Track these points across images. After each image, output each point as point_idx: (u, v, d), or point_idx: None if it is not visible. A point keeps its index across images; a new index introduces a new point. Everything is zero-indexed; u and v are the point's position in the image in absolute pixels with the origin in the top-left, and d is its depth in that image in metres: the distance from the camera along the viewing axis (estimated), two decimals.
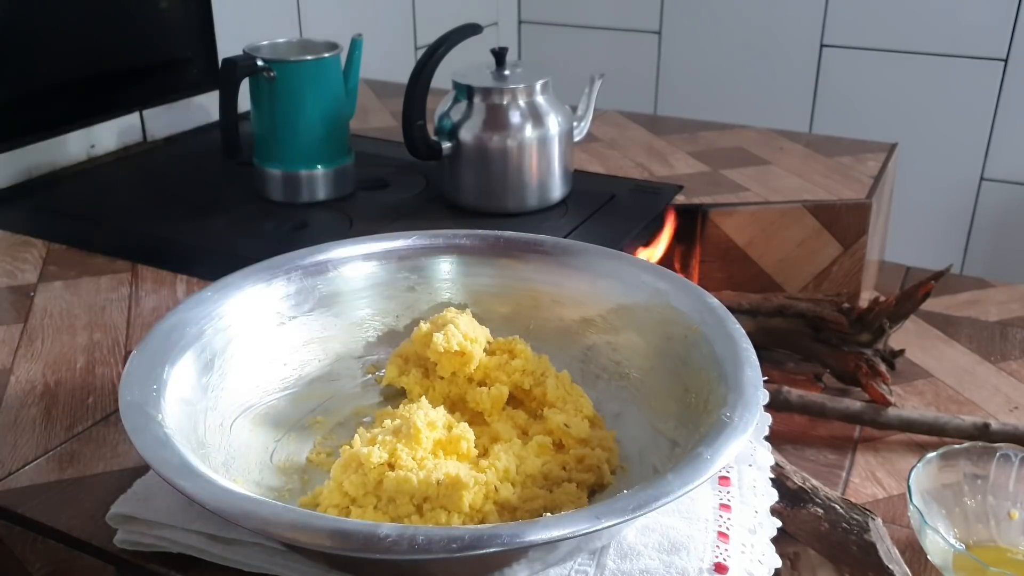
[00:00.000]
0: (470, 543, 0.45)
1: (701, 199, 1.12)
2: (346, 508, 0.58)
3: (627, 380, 0.70)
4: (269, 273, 0.71)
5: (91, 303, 0.91)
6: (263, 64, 1.03)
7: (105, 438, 0.71)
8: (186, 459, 0.52)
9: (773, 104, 1.99)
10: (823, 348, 0.88)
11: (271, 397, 0.68)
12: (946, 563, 0.63)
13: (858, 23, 1.87)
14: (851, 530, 0.61)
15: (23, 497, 0.65)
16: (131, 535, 0.59)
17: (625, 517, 0.47)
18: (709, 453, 0.52)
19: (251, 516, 0.48)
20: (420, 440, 0.60)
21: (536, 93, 1.02)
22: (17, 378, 0.79)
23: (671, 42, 2.06)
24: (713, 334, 0.64)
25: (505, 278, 0.75)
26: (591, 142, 1.30)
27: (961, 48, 1.80)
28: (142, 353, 0.61)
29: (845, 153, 1.26)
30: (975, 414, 0.83)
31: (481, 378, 0.70)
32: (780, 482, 0.64)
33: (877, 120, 1.90)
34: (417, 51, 1.85)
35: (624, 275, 0.72)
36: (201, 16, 1.35)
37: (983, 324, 1.02)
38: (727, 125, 1.40)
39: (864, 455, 0.79)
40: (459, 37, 1.03)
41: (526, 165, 1.02)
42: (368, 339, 0.74)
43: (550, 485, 0.61)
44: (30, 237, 1.06)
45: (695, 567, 0.55)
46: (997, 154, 1.83)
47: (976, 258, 1.91)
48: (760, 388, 0.58)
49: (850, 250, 1.10)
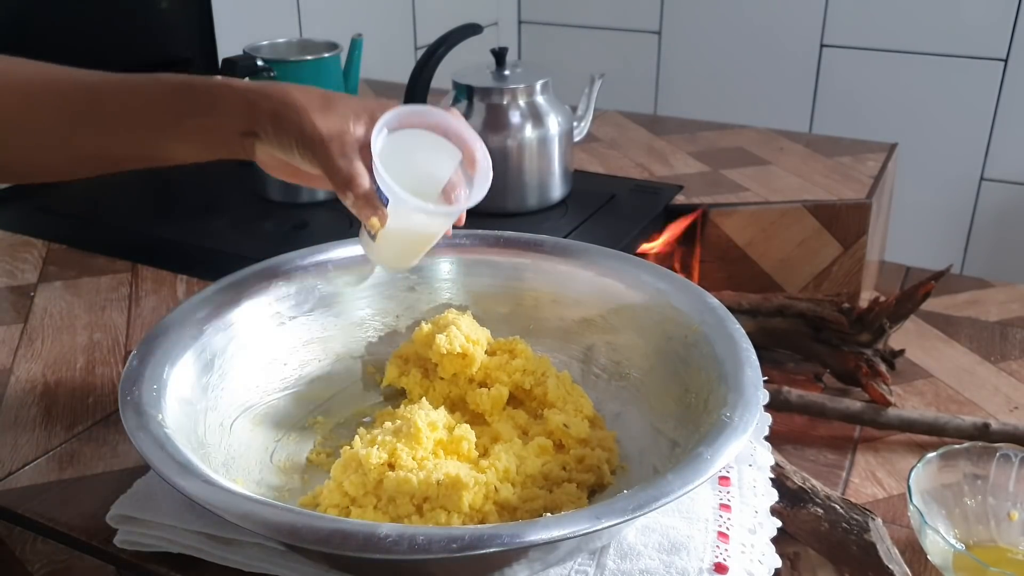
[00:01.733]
0: (470, 543, 0.45)
1: (701, 199, 1.12)
2: (346, 508, 0.58)
3: (627, 380, 0.70)
4: (269, 273, 0.71)
5: (91, 303, 0.91)
6: (263, 64, 1.03)
7: (105, 438, 0.71)
8: (186, 459, 0.52)
9: (773, 104, 1.99)
10: (823, 348, 0.88)
11: (271, 397, 0.68)
12: (946, 563, 0.63)
13: (858, 23, 1.87)
14: (851, 530, 0.61)
15: (23, 497, 0.65)
16: (131, 535, 0.59)
17: (625, 517, 0.47)
18: (709, 453, 0.52)
19: (251, 516, 0.48)
20: (421, 440, 0.60)
21: (536, 93, 1.02)
22: (17, 378, 0.79)
23: (671, 42, 2.06)
24: (713, 334, 0.64)
25: (505, 278, 0.75)
26: (591, 142, 1.30)
27: (961, 48, 1.80)
28: (142, 353, 0.61)
29: (845, 153, 1.26)
30: (975, 414, 0.83)
31: (482, 379, 0.70)
32: (780, 482, 0.64)
33: (877, 120, 1.90)
34: (417, 51, 1.85)
35: (624, 275, 0.72)
36: (201, 16, 1.35)
37: (983, 324, 1.02)
38: (727, 125, 1.40)
39: (864, 455, 0.79)
40: (459, 37, 1.03)
41: (526, 165, 1.02)
42: (368, 339, 0.74)
43: (550, 485, 0.61)
44: (30, 237, 1.06)
45: (695, 567, 0.55)
46: (997, 154, 1.83)
47: (976, 258, 1.91)
48: (760, 388, 0.58)
49: (850, 250, 1.10)
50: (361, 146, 0.61)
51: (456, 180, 0.65)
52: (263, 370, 0.68)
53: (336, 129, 0.61)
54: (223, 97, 0.62)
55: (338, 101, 0.62)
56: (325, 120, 0.60)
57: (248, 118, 0.61)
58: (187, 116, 0.63)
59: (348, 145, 0.61)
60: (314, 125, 0.60)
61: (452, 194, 0.65)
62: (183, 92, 0.63)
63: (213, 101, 0.62)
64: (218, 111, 0.62)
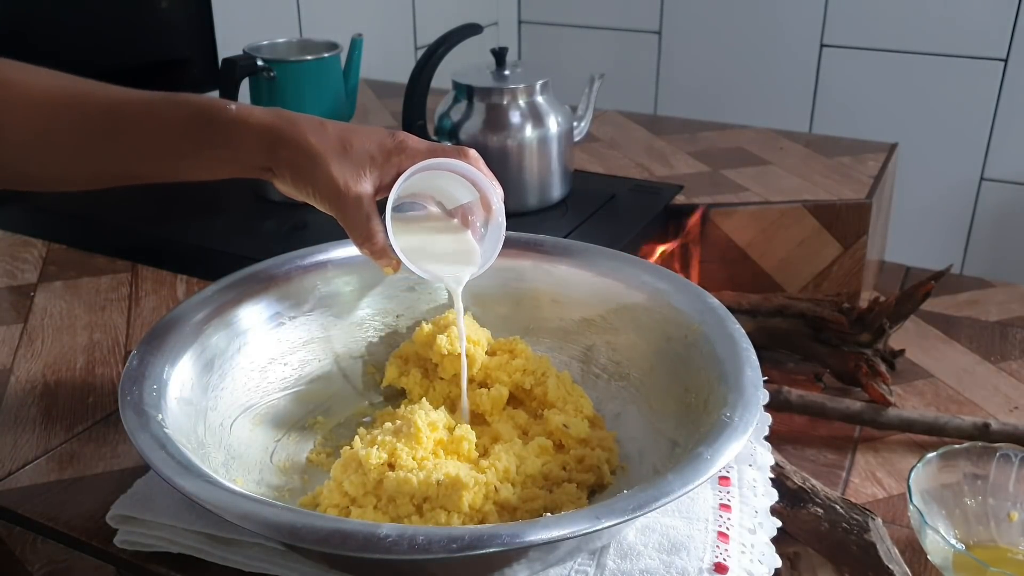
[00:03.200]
0: (470, 543, 0.45)
1: (701, 199, 1.12)
2: (346, 508, 0.58)
3: (627, 380, 0.70)
4: (269, 273, 0.71)
5: (91, 303, 0.91)
6: (263, 64, 1.03)
7: (105, 438, 0.71)
8: (186, 459, 0.52)
9: (773, 104, 1.99)
10: (823, 348, 0.88)
11: (271, 397, 0.68)
12: (946, 563, 0.63)
13: (858, 23, 1.87)
14: (851, 530, 0.61)
15: (23, 497, 0.65)
16: (131, 535, 0.59)
17: (625, 517, 0.47)
18: (709, 453, 0.52)
19: (251, 516, 0.48)
20: (421, 440, 0.60)
21: (536, 93, 1.02)
22: (17, 378, 0.79)
23: (671, 42, 2.06)
24: (713, 334, 0.64)
25: (505, 278, 0.75)
26: (591, 142, 1.30)
27: (961, 48, 1.80)
28: (142, 353, 0.61)
29: (845, 153, 1.26)
30: (975, 414, 0.83)
31: (482, 379, 0.70)
32: (780, 482, 0.64)
33: (877, 120, 1.90)
34: (417, 51, 1.85)
35: (624, 275, 0.72)
36: (201, 16, 1.35)
37: (983, 324, 1.02)
38: (727, 125, 1.40)
39: (864, 455, 0.79)
40: (459, 37, 1.03)
41: (526, 165, 1.02)
42: (368, 339, 0.74)
43: (550, 485, 0.61)
44: (30, 237, 1.06)
45: (695, 567, 0.55)
46: (997, 154, 1.83)
47: (976, 258, 1.91)
48: (760, 388, 0.58)
49: (850, 250, 1.10)
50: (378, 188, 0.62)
51: (474, 207, 0.66)
52: (263, 370, 0.68)
53: (353, 179, 0.60)
54: (240, 136, 0.61)
55: (355, 142, 0.61)
56: (341, 170, 0.60)
57: (266, 158, 0.61)
58: (206, 147, 0.62)
59: (365, 199, 0.61)
60: (331, 177, 0.60)
61: (469, 217, 0.66)
62: (200, 123, 0.62)
63: (229, 138, 0.61)
64: (234, 146, 0.62)
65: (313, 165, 0.60)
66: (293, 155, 0.60)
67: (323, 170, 0.60)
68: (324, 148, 0.60)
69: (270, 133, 0.61)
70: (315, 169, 0.60)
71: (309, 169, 0.60)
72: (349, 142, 0.61)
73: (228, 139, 0.61)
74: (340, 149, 0.61)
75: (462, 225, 0.67)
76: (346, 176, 0.60)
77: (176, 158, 0.64)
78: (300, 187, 0.62)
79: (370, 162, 0.61)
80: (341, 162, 0.60)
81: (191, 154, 0.63)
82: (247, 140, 0.61)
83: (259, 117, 0.61)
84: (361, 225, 0.61)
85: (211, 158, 0.63)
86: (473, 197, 0.66)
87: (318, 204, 0.62)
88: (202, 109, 0.62)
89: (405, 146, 0.62)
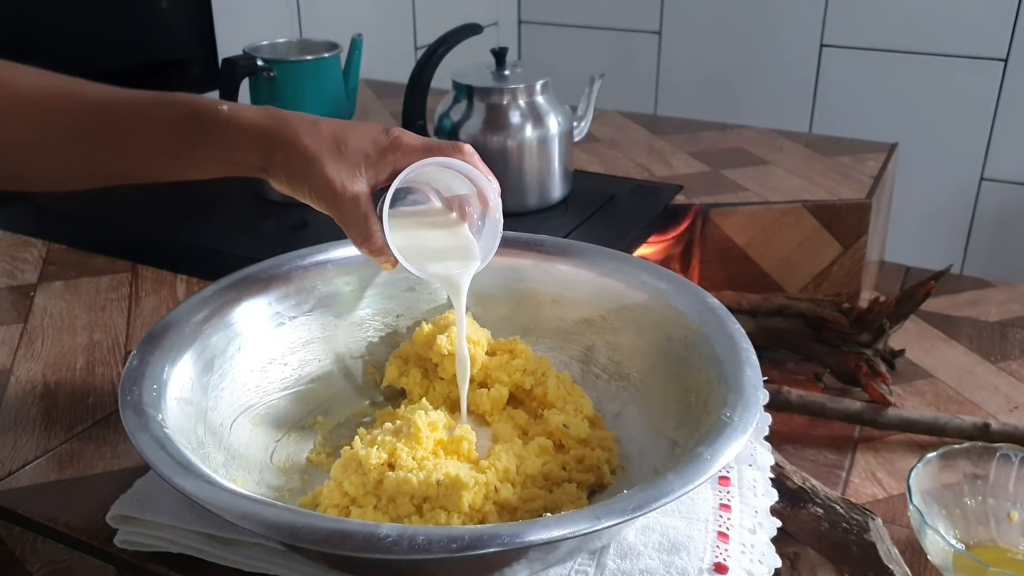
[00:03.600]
0: (470, 543, 0.45)
1: (701, 199, 1.12)
2: (346, 508, 0.58)
3: (627, 380, 0.70)
4: (269, 273, 0.71)
5: (91, 303, 0.91)
6: (263, 64, 1.03)
7: (105, 438, 0.71)
8: (186, 459, 0.52)
9: (773, 104, 1.99)
10: (823, 348, 0.88)
11: (271, 397, 0.68)
12: (946, 563, 0.63)
13: (858, 23, 1.87)
14: (851, 530, 0.61)
15: (23, 497, 0.65)
16: (131, 535, 0.59)
17: (625, 517, 0.47)
18: (709, 453, 0.52)
19: (251, 516, 0.48)
20: (421, 440, 0.60)
21: (536, 93, 1.02)
22: (17, 378, 0.79)
23: (671, 42, 2.06)
24: (713, 334, 0.64)
25: (505, 278, 0.75)
26: (591, 142, 1.30)
27: (961, 48, 1.80)
28: (142, 353, 0.61)
29: (845, 153, 1.26)
30: (975, 414, 0.83)
31: (482, 379, 0.70)
32: (780, 482, 0.64)
33: (877, 120, 1.90)
34: (417, 51, 1.85)
35: (624, 275, 0.72)
36: (201, 16, 1.35)
37: (983, 324, 1.02)
38: (727, 125, 1.40)
39: (864, 455, 0.79)
40: (459, 37, 1.03)
41: (526, 165, 1.02)
42: (368, 339, 0.74)
43: (550, 485, 0.61)
44: (30, 237, 1.06)
45: (695, 567, 0.55)
46: (997, 154, 1.83)
47: (976, 258, 1.91)
48: (760, 388, 0.58)
49: (850, 250, 1.10)
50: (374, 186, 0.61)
51: (471, 199, 0.66)
52: (263, 370, 0.68)
53: (349, 179, 0.60)
54: (232, 137, 0.61)
55: (349, 140, 0.61)
56: (337, 170, 0.60)
57: (260, 159, 0.61)
58: (199, 147, 0.62)
59: (361, 198, 0.60)
60: (327, 178, 0.60)
61: (466, 208, 0.66)
62: (193, 124, 0.62)
63: (221, 139, 0.61)
64: (227, 146, 0.61)
65: (308, 167, 0.60)
66: (287, 157, 0.60)
67: (318, 171, 0.60)
68: (318, 149, 0.60)
69: (263, 134, 0.61)
70: (310, 171, 0.60)
71: (304, 171, 0.60)
72: (344, 141, 0.61)
73: (221, 140, 0.61)
74: (335, 149, 0.60)
75: (460, 218, 0.67)
76: (342, 176, 0.60)
77: (169, 158, 0.64)
78: (295, 188, 0.61)
79: (365, 161, 0.61)
80: (336, 162, 0.60)
81: (184, 154, 0.63)
82: (240, 141, 0.61)
83: (251, 118, 0.61)
84: (359, 225, 0.61)
85: (204, 158, 0.63)
86: (470, 190, 0.66)
87: (314, 204, 0.62)
88: (194, 109, 0.62)
89: (400, 143, 0.61)
